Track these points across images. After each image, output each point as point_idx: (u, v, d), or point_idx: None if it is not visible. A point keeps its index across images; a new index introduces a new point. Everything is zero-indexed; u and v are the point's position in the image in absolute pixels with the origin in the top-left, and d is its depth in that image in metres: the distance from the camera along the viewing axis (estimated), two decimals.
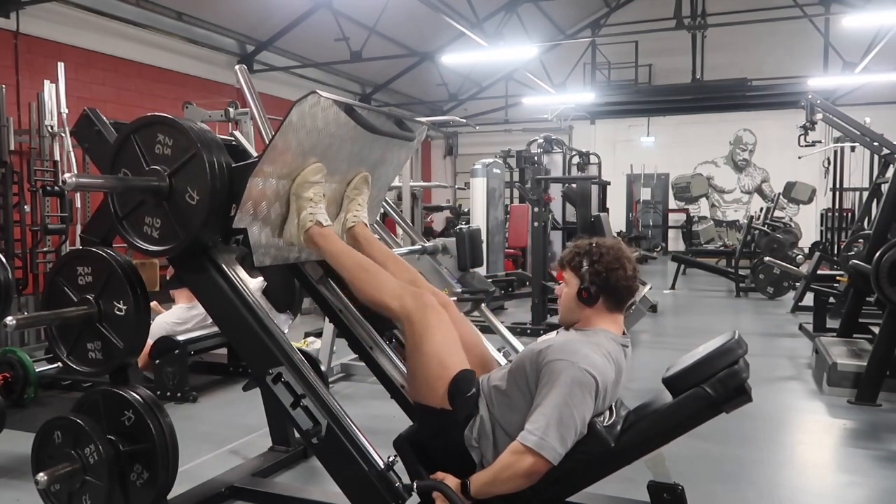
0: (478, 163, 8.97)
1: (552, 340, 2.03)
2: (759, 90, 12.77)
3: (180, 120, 2.18)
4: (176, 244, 2.18)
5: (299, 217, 2.23)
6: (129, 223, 2.24)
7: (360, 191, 2.46)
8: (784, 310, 8.10)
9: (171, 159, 2.15)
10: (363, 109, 2.30)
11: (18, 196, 6.11)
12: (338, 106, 2.18)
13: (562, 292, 2.13)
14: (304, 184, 2.22)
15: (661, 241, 17.33)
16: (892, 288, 4.07)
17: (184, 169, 2.13)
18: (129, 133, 2.21)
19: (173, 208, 2.16)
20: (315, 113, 2.12)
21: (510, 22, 13.89)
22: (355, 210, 2.43)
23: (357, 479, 2.07)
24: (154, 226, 2.20)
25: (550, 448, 1.84)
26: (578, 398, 1.88)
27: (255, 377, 2.25)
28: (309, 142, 2.18)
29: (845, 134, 7.01)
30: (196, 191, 2.11)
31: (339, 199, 2.46)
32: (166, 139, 2.15)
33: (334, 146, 2.29)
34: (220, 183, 2.11)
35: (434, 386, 2.03)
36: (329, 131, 2.22)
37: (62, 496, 2.28)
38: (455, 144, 19.25)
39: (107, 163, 2.26)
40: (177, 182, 2.14)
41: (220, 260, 2.26)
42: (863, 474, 3.27)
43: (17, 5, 7.75)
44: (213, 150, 2.12)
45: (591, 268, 2.05)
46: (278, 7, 10.98)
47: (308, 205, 2.23)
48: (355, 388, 4.74)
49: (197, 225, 2.13)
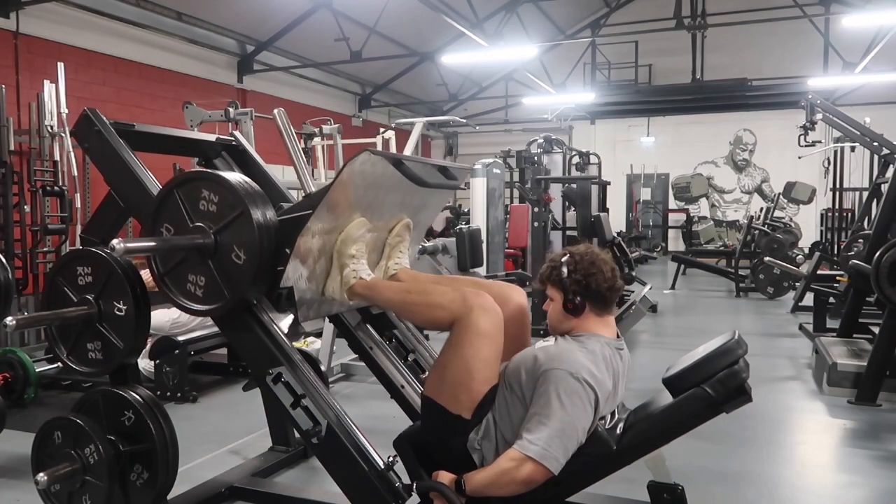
0: (478, 163, 8.96)
1: (549, 348, 2.02)
2: (759, 90, 12.76)
3: (226, 175, 2.12)
4: (222, 304, 2.11)
5: (342, 274, 2.19)
6: (171, 280, 2.18)
7: (402, 238, 2.42)
8: (784, 310, 8.10)
9: (217, 216, 2.09)
10: (411, 162, 2.25)
11: (18, 196, 6.11)
12: (387, 160, 2.15)
13: (549, 307, 2.14)
14: (347, 240, 2.19)
15: (661, 241, 17.32)
16: (892, 288, 4.07)
17: (230, 227, 2.07)
18: (172, 188, 2.15)
19: (219, 267, 2.10)
20: (365, 169, 2.09)
21: (510, 22, 13.88)
22: (396, 257, 2.39)
23: (357, 479, 2.07)
24: (198, 283, 2.14)
25: (553, 459, 1.85)
26: (579, 408, 1.89)
27: (255, 377, 2.25)
28: (356, 196, 2.15)
29: (845, 134, 7.00)
30: (243, 250, 2.05)
31: (379, 246, 2.40)
32: (211, 195, 2.09)
33: (379, 197, 2.26)
34: (267, 241, 2.05)
35: (454, 391, 2.00)
36: (376, 184, 2.19)
37: (62, 496, 2.28)
38: (455, 144, 19.25)
39: (149, 218, 2.19)
40: (223, 240, 2.08)
41: (265, 316, 2.20)
42: (863, 474, 3.27)
43: (17, 5, 7.75)
44: (259, 207, 2.07)
45: (570, 277, 2.06)
46: (278, 7, 10.97)
47: (351, 262, 2.19)
48: (355, 388, 4.73)
49: (244, 285, 2.07)
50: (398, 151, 8.44)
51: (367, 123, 14.42)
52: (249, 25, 11.29)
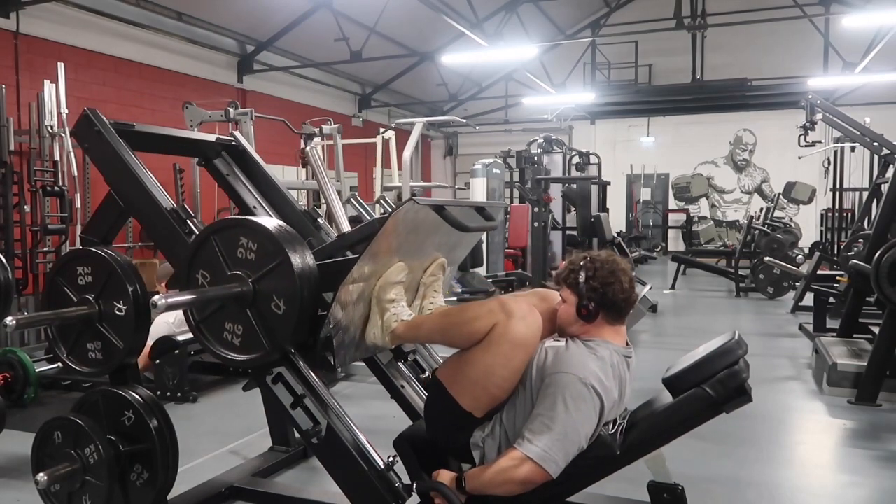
0: (478, 163, 8.97)
1: (559, 350, 2.01)
2: (759, 90, 12.76)
3: (264, 222, 2.10)
4: (261, 353, 2.08)
5: (383, 319, 2.17)
6: (206, 327, 2.15)
7: (437, 277, 2.41)
8: (784, 310, 8.10)
9: (256, 265, 2.06)
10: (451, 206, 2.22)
11: (18, 196, 6.11)
12: (430, 208, 2.12)
13: (560, 308, 2.11)
14: (386, 286, 2.17)
15: (661, 241, 17.32)
16: (892, 288, 4.06)
17: (270, 275, 2.04)
18: (208, 234, 2.13)
19: (257, 316, 2.06)
20: (408, 218, 2.07)
21: (510, 22, 13.88)
22: (431, 297, 2.37)
23: (357, 479, 2.07)
24: (235, 332, 2.10)
25: (553, 462, 1.85)
26: (584, 414, 1.88)
27: (255, 377, 2.25)
28: (397, 243, 2.13)
29: (845, 134, 7.00)
30: (283, 300, 2.02)
31: (414, 286, 2.38)
32: (250, 243, 2.07)
33: (419, 241, 2.25)
34: (307, 290, 2.02)
35: (470, 388, 1.99)
36: (417, 230, 2.17)
37: (62, 496, 2.28)
38: (455, 144, 19.25)
39: (184, 265, 2.17)
40: (261, 288, 2.05)
41: (301, 363, 2.17)
42: (863, 474, 3.27)
43: (17, 5, 7.74)
44: (299, 254, 2.04)
45: (588, 283, 2.02)
46: (278, 7, 10.97)
47: (391, 306, 2.16)
48: (355, 388, 4.73)
49: (284, 335, 2.04)
50: (398, 151, 8.44)
51: (367, 123, 14.43)
52: (249, 25, 11.29)
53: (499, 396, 1.98)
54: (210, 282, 2.12)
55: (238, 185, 2.86)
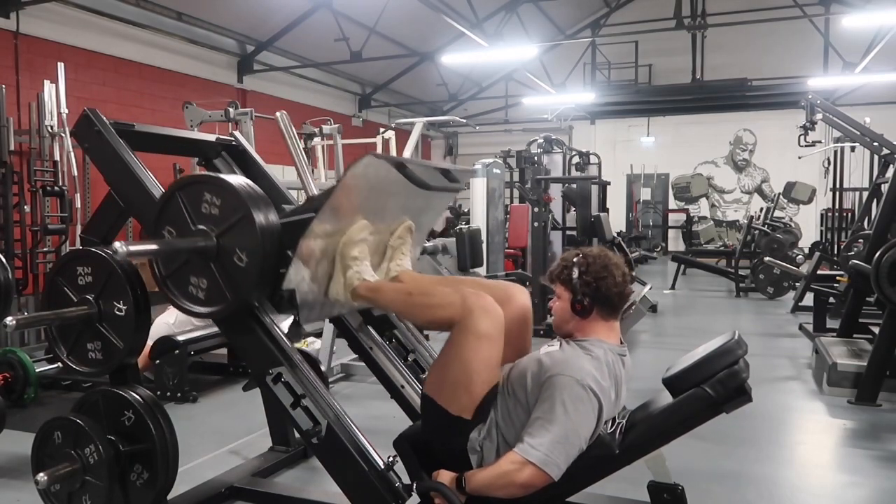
0: (478, 163, 8.96)
1: (554, 353, 2.02)
2: (759, 90, 12.77)
3: (229, 178, 2.13)
4: (224, 306, 2.12)
5: (345, 277, 2.19)
6: (172, 282, 2.19)
7: (404, 240, 2.42)
8: (784, 310, 8.10)
9: (219, 219, 2.10)
10: (413, 165, 2.25)
11: (18, 196, 6.11)
12: (390, 164, 2.15)
13: (555, 305, 2.13)
14: (349, 243, 2.18)
15: (661, 241, 17.32)
16: (892, 288, 4.06)
17: (233, 230, 2.08)
18: (174, 191, 2.16)
19: (221, 269, 2.10)
20: (368, 173, 2.09)
21: (510, 22, 13.88)
22: (398, 259, 2.38)
23: (357, 479, 2.07)
24: (200, 286, 2.14)
25: (555, 465, 1.85)
26: (583, 416, 1.89)
27: (255, 377, 2.25)
28: (359, 200, 2.15)
29: (845, 134, 7.01)
30: (245, 253, 2.06)
31: (381, 248, 2.40)
32: (213, 198, 2.10)
33: (381, 200, 2.26)
34: (269, 244, 2.06)
35: (453, 391, 2.00)
36: (379, 187, 2.19)
37: (62, 496, 2.28)
38: (455, 144, 19.25)
39: (151, 221, 2.20)
40: (225, 242, 2.09)
41: (266, 319, 2.20)
42: (863, 474, 3.27)
43: (17, 5, 7.75)
44: (261, 210, 2.08)
45: (581, 279, 2.05)
46: (278, 7, 10.98)
47: (354, 264, 2.18)
48: (355, 388, 4.73)
49: (247, 287, 2.08)
50: (398, 152, 8.45)
51: (367, 123, 14.41)
52: (249, 25, 11.29)
53: (481, 393, 1.99)
54: (176, 238, 2.16)
55: None
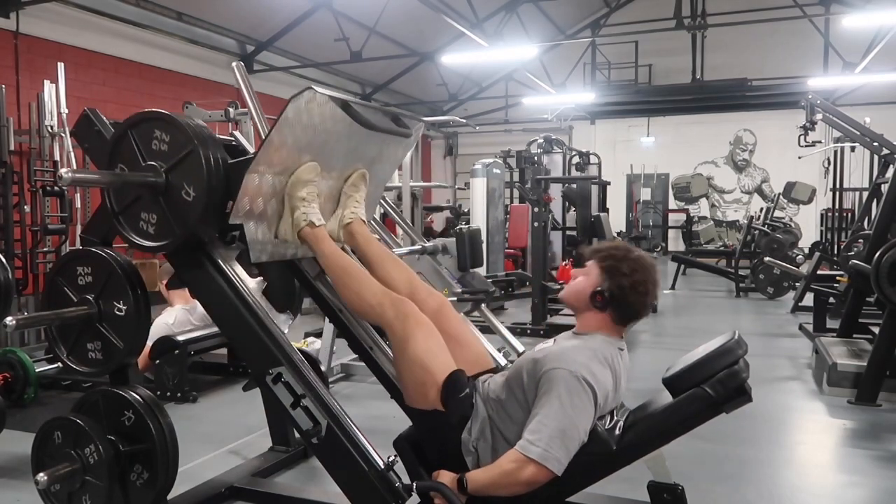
0: (478, 163, 8.97)
1: (549, 349, 2.03)
2: (759, 90, 12.77)
3: (177, 116, 2.17)
4: (172, 240, 2.18)
5: (293, 216, 2.23)
6: (125, 218, 2.24)
7: (357, 188, 2.46)
8: (784, 310, 8.10)
9: (168, 155, 2.14)
10: (359, 106, 2.28)
11: (18, 196, 6.11)
12: (334, 102, 2.17)
13: (578, 277, 2.10)
14: (297, 183, 2.22)
15: (661, 241, 17.32)
16: (892, 288, 4.06)
17: (180, 165, 2.12)
18: (125, 129, 2.20)
19: (169, 204, 2.15)
20: (311, 109, 2.12)
21: (510, 22, 13.89)
22: (352, 207, 2.43)
23: (357, 479, 2.07)
24: (150, 221, 2.20)
25: (555, 460, 1.84)
26: (579, 408, 1.88)
27: (255, 377, 2.25)
28: (305, 139, 2.18)
29: (845, 134, 7.01)
30: (192, 187, 2.11)
31: (336, 195, 2.45)
32: (163, 135, 2.15)
33: (330, 143, 2.29)
34: (216, 179, 2.11)
35: (421, 390, 2.02)
36: (325, 128, 2.21)
37: (62, 496, 2.28)
38: (455, 144, 19.26)
39: (104, 158, 2.26)
40: (173, 178, 2.14)
41: (217, 256, 2.25)
42: (863, 474, 3.27)
43: (17, 5, 7.75)
44: (209, 147, 2.12)
45: (618, 279, 2.01)
46: (278, 7, 10.98)
47: (301, 204, 2.22)
48: (355, 388, 4.73)
49: (193, 220, 2.13)
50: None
51: None
52: (249, 25, 11.29)
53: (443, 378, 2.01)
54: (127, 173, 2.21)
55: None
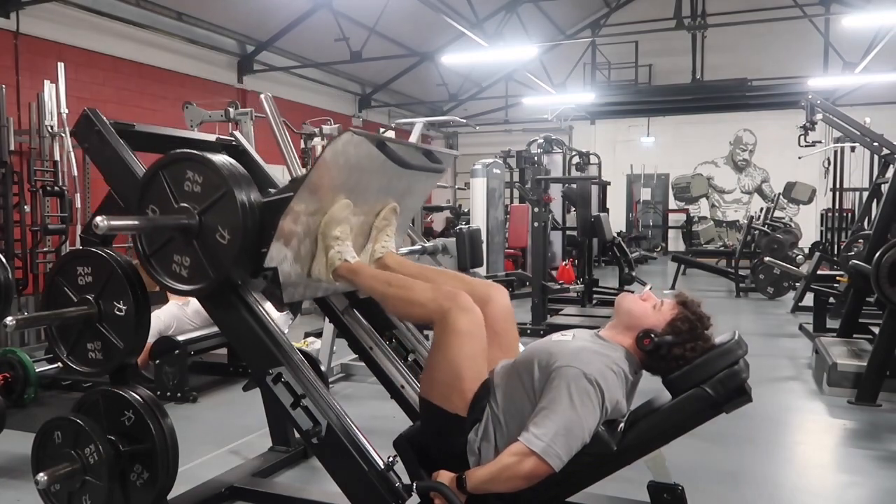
0: (478, 163, 8.97)
1: (565, 344, 2.01)
2: (759, 90, 12.77)
3: (210, 156, 2.13)
4: (206, 283, 2.13)
5: (327, 256, 2.20)
6: (156, 261, 2.20)
7: (388, 221, 2.43)
8: (784, 310, 8.10)
9: (202, 197, 2.11)
10: (394, 143, 2.25)
11: (18, 196, 6.11)
12: (370, 142, 2.15)
13: (649, 300, 2.10)
14: (331, 222, 2.19)
15: (661, 241, 17.33)
16: (892, 288, 4.06)
17: (214, 207, 2.09)
18: (157, 169, 2.16)
19: (203, 247, 2.12)
20: (348, 150, 2.09)
21: (510, 22, 13.89)
22: (383, 241, 2.40)
23: (357, 479, 2.07)
24: (183, 264, 2.16)
25: (556, 456, 1.84)
26: (588, 409, 1.87)
27: (255, 377, 2.25)
28: (340, 178, 2.15)
29: (845, 134, 7.01)
30: (227, 230, 2.07)
31: (366, 230, 2.41)
32: (196, 176, 2.11)
33: (364, 180, 2.26)
34: (250, 221, 2.07)
35: (445, 391, 2.01)
36: (360, 166, 2.19)
37: (62, 496, 2.28)
38: (455, 144, 19.25)
39: (134, 199, 2.21)
40: (207, 220, 2.10)
41: (249, 297, 2.21)
42: (863, 474, 3.27)
43: (17, 5, 7.75)
44: (243, 188, 2.09)
45: (676, 346, 2.00)
46: (278, 7, 10.98)
47: (335, 243, 2.19)
48: (355, 388, 4.73)
49: (228, 264, 2.09)
50: None
51: (367, 123, 14.41)
52: (249, 25, 11.29)
53: (471, 388, 2.00)
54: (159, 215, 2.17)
55: None
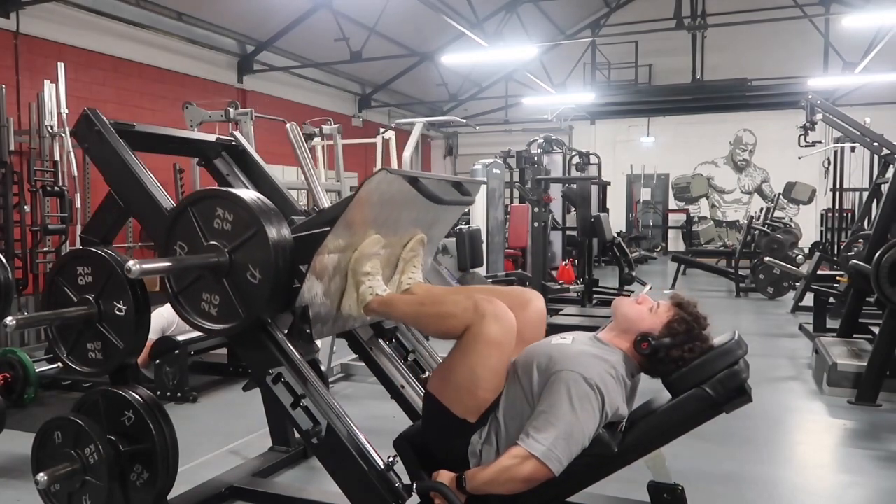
0: (478, 163, 8.97)
1: (565, 347, 2.01)
2: (759, 90, 12.77)
3: (240, 193, 2.11)
4: (237, 323, 2.10)
5: (358, 291, 2.18)
6: (185, 299, 2.16)
7: (416, 252, 2.41)
8: (784, 310, 8.10)
9: (232, 235, 2.07)
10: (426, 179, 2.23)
11: (18, 196, 6.11)
12: (403, 179, 2.13)
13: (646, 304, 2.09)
14: (361, 258, 2.17)
15: (661, 241, 17.33)
16: (892, 288, 4.06)
17: (245, 246, 2.05)
18: (185, 206, 2.14)
19: (234, 286, 2.08)
20: (381, 188, 2.08)
21: (510, 22, 13.89)
22: (410, 272, 2.37)
23: (357, 479, 2.07)
24: (212, 303, 2.12)
25: (556, 460, 1.84)
26: (588, 414, 1.87)
27: (255, 377, 2.25)
28: (372, 214, 2.14)
29: (845, 134, 7.01)
30: (259, 269, 2.04)
31: (393, 261, 2.39)
32: (226, 214, 2.08)
33: (394, 214, 2.25)
34: (282, 260, 2.04)
35: (457, 395, 1.99)
36: (392, 201, 2.18)
37: (62, 496, 2.28)
38: (455, 144, 19.26)
39: (161, 236, 2.19)
40: (237, 258, 2.07)
41: (278, 335, 2.18)
42: (863, 474, 3.27)
43: (17, 5, 7.75)
44: (274, 225, 2.05)
45: (673, 349, 1.99)
46: (278, 7, 10.98)
47: (366, 279, 2.17)
48: (355, 388, 4.73)
49: (260, 304, 2.06)
50: (398, 151, 8.45)
51: (367, 123, 14.44)
52: (249, 25, 11.29)
53: (486, 398, 1.97)
54: (188, 253, 2.14)
55: (238, 185, 2.86)
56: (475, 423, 1.99)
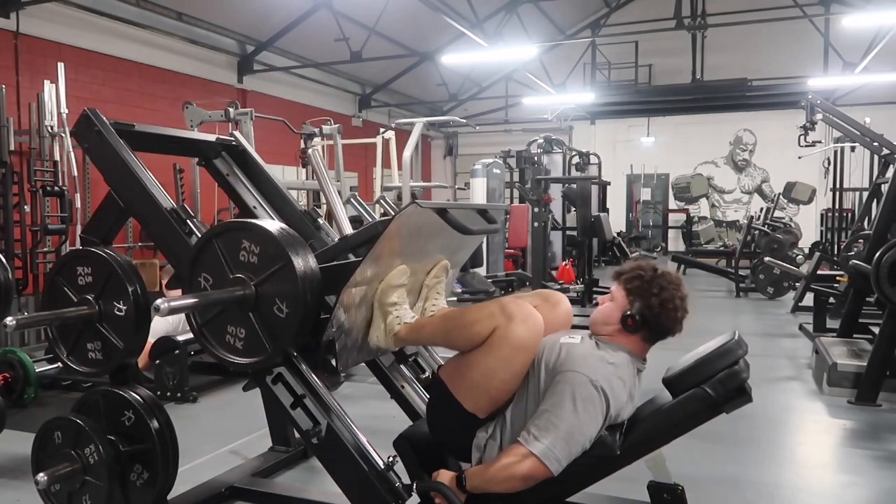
0: (478, 163, 8.97)
1: (574, 347, 1.99)
2: (759, 90, 12.77)
3: (267, 226, 2.09)
4: (264, 357, 2.08)
5: (385, 322, 2.17)
6: (209, 331, 2.14)
7: (439, 279, 2.40)
8: (784, 310, 8.10)
9: (258, 268, 2.05)
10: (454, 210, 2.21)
11: (18, 196, 6.11)
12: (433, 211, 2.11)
13: (605, 304, 2.08)
14: (388, 289, 2.16)
15: (661, 241, 17.32)
16: (892, 288, 4.06)
17: (272, 279, 2.03)
18: (210, 237, 2.12)
19: (260, 319, 2.05)
20: (410, 220, 2.06)
21: (510, 22, 13.89)
22: (433, 299, 2.36)
23: (357, 479, 2.07)
24: (238, 336, 2.09)
25: (555, 459, 1.84)
26: (591, 416, 1.88)
27: (255, 377, 2.25)
28: (399, 245, 2.13)
29: (845, 134, 7.01)
30: (285, 303, 2.01)
31: (417, 287, 2.38)
32: (252, 246, 2.06)
33: (421, 243, 2.25)
34: (310, 294, 2.01)
35: (474, 392, 1.98)
36: (419, 231, 2.17)
37: (62, 496, 2.28)
38: (455, 144, 19.25)
39: (186, 268, 2.17)
40: (264, 291, 2.04)
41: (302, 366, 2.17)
42: (863, 474, 3.27)
43: (17, 5, 7.74)
44: (300, 257, 2.03)
45: (646, 299, 1.99)
46: (278, 7, 10.97)
47: (393, 309, 2.16)
48: (355, 388, 4.73)
49: (287, 338, 2.04)
50: (398, 151, 8.45)
51: (367, 123, 14.42)
52: (249, 25, 11.29)
53: (500, 399, 1.98)
54: (212, 285, 2.11)
55: (238, 185, 2.86)
56: (483, 419, 1.99)
